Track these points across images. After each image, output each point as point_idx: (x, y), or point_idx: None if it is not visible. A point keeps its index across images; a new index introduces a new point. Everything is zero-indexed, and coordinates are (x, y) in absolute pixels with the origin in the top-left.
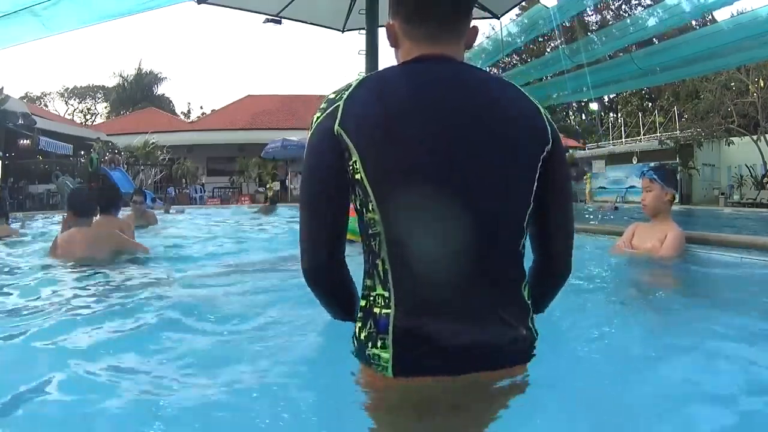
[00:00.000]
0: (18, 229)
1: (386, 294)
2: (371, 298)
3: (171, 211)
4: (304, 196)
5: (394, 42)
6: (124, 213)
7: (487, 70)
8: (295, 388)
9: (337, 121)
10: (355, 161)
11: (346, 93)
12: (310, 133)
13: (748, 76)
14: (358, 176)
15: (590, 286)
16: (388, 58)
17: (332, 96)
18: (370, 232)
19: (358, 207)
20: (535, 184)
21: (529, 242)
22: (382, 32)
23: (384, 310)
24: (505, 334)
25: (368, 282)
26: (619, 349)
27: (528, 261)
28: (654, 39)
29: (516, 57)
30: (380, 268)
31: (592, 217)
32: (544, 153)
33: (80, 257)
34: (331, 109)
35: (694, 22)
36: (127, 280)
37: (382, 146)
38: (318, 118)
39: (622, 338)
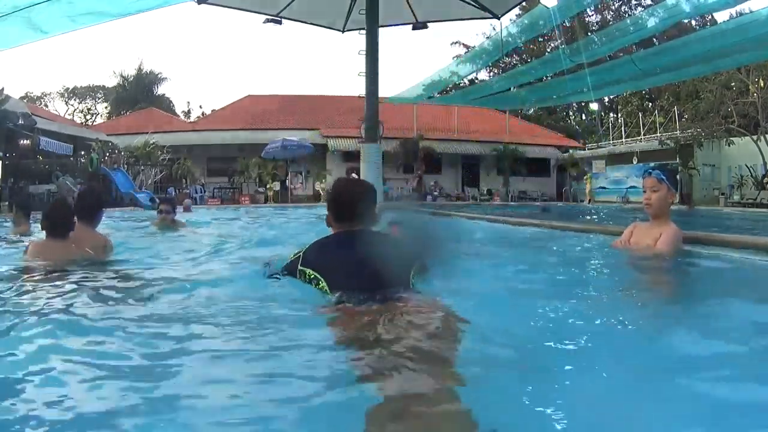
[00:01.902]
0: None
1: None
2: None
3: (178, 209)
4: (286, 268)
5: (329, 224)
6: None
7: (488, 69)
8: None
9: (299, 263)
10: (311, 272)
11: (305, 248)
12: (289, 263)
13: (748, 76)
14: (313, 276)
15: (585, 284)
16: (387, 58)
17: (297, 250)
18: (319, 287)
19: (314, 285)
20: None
21: None
22: (382, 32)
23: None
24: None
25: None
26: (611, 346)
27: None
28: (654, 40)
29: (516, 57)
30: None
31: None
32: (412, 269)
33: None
34: (296, 256)
35: (693, 22)
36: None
37: (324, 261)
38: (291, 260)
39: (612, 334)
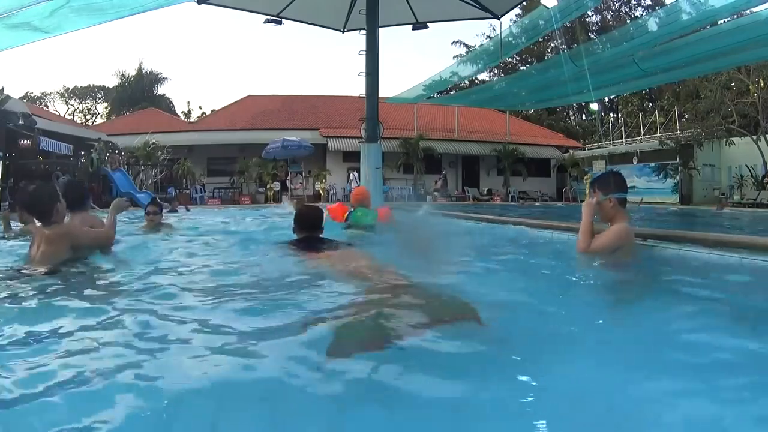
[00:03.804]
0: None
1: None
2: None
3: (178, 209)
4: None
5: (295, 232)
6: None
7: (488, 69)
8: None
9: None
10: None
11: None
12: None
13: (748, 76)
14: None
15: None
16: (387, 58)
17: (289, 238)
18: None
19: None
20: None
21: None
22: (382, 32)
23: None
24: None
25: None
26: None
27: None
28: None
29: (516, 57)
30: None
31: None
32: None
33: (37, 259)
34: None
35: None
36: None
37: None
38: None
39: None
